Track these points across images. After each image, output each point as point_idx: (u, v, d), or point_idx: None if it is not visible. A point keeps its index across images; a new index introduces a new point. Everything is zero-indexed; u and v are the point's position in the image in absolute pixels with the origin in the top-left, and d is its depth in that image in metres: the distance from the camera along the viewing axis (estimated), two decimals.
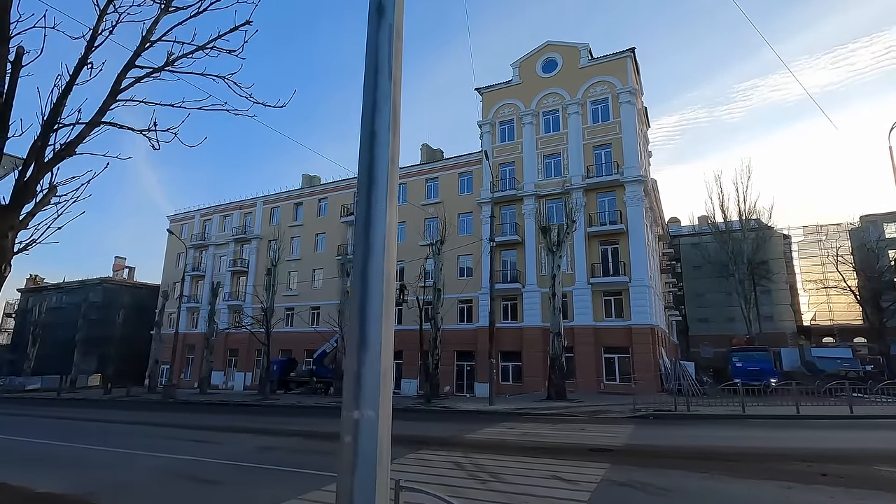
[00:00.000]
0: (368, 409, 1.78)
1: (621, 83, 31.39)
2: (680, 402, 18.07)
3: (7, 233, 3.56)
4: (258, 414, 20.75)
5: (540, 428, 14.08)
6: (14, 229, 3.62)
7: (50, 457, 10.71)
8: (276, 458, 10.17)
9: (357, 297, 1.74)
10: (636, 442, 11.30)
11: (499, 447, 10.88)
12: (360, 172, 1.80)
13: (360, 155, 1.83)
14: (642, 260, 28.85)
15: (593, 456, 9.72)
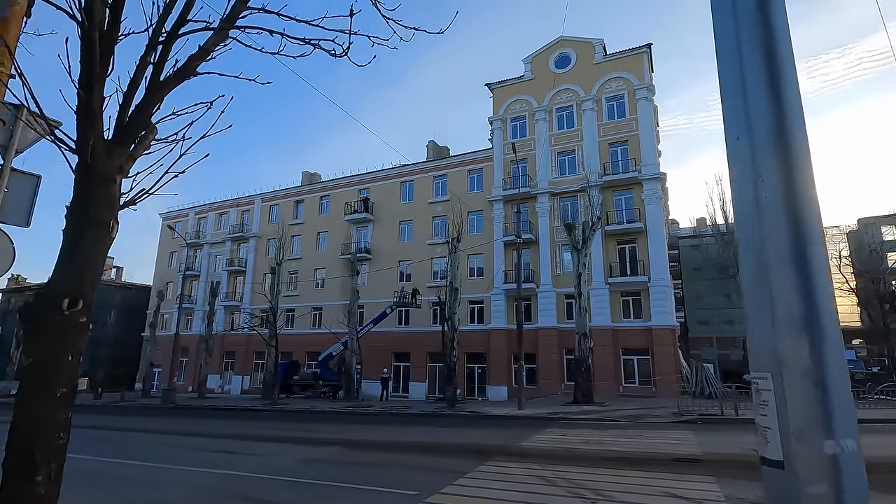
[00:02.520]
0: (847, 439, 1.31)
1: (637, 79, 30.79)
2: (726, 405, 17.18)
3: (115, 176, 2.48)
4: (272, 420, 19.48)
5: (593, 434, 13.14)
6: (122, 172, 2.54)
7: (68, 471, 9.44)
8: (326, 472, 9.06)
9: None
10: (715, 450, 10.41)
11: (571, 457, 9.90)
12: None
13: None
14: (662, 259, 28.21)
15: (684, 467, 8.79)
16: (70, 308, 2.23)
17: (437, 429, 15.42)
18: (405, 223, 37.17)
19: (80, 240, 2.33)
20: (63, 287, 2.26)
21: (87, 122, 2.42)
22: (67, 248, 2.34)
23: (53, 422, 2.15)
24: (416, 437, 13.56)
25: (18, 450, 2.07)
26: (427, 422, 17.88)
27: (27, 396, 2.14)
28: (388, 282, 35.62)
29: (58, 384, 2.17)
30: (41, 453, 2.08)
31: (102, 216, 2.40)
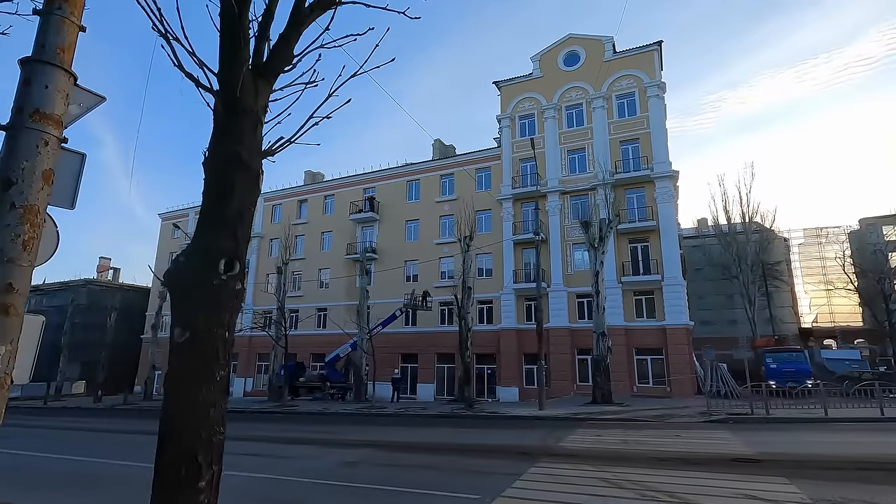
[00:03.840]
0: None
1: (649, 77, 30.55)
2: (755, 405, 16.86)
3: (261, 118, 2.03)
4: (287, 422, 18.93)
5: (629, 435, 12.74)
6: (264, 113, 2.09)
7: (97, 476, 8.94)
8: (370, 475, 8.60)
9: None
10: (767, 450, 10.03)
11: (622, 458, 9.49)
12: None
13: None
14: (675, 257, 27.91)
15: (746, 468, 8.41)
16: (227, 271, 1.80)
17: (463, 430, 14.97)
18: (411, 223, 36.69)
19: (232, 190, 1.90)
20: (218, 245, 1.81)
21: (234, 49, 1.98)
22: (215, 200, 1.90)
23: (214, 413, 1.71)
24: (446, 438, 13.11)
25: (176, 450, 1.63)
26: (449, 423, 17.41)
27: (184, 382, 1.70)
28: (395, 282, 35.09)
29: (217, 365, 1.73)
30: (204, 453, 1.64)
31: (253, 163, 1.97)
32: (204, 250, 1.81)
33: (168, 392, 1.71)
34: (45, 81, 3.19)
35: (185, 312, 1.74)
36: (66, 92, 3.30)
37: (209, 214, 1.88)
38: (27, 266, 3.00)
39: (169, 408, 1.68)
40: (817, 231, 58.31)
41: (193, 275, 1.77)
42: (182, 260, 1.79)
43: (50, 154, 3.18)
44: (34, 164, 3.07)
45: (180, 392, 1.68)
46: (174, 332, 1.73)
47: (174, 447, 1.62)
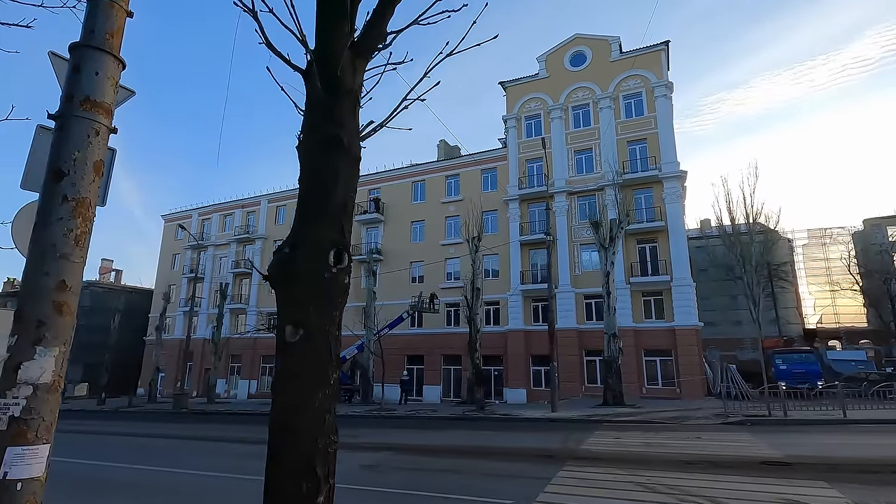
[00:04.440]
0: None
1: (656, 77, 30.43)
2: (773, 406, 16.68)
3: (359, 99, 1.86)
4: None
5: (649, 437, 12.57)
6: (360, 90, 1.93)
7: (137, 483, 8.76)
8: (395, 479, 8.43)
9: None
10: (795, 452, 9.85)
11: (650, 461, 9.31)
12: None
13: None
14: (684, 258, 27.78)
15: (780, 471, 8.24)
16: (336, 263, 1.63)
17: (478, 432, 14.78)
18: (417, 223, 36.53)
19: (335, 177, 1.73)
20: (325, 236, 1.65)
21: (336, 24, 1.82)
22: (316, 187, 1.73)
23: (329, 419, 1.54)
24: (463, 441, 12.92)
25: (293, 462, 1.46)
26: (462, 425, 17.21)
27: (298, 385, 1.53)
28: (401, 283, 34.92)
29: (331, 366, 1.57)
30: (321, 465, 1.47)
31: (353, 147, 1.80)
32: (311, 241, 1.64)
33: (279, 397, 1.54)
34: (95, 68, 3.03)
35: (295, 309, 1.57)
36: (116, 80, 3.14)
37: (311, 203, 1.71)
38: (79, 263, 2.83)
39: (281, 414, 1.51)
40: (821, 232, 58.18)
41: (303, 267, 1.60)
42: (287, 252, 1.62)
43: (100, 145, 3.01)
44: (85, 155, 2.91)
45: (295, 397, 1.51)
46: (285, 330, 1.55)
47: (290, 459, 1.44)
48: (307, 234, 1.66)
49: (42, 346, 2.61)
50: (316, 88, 1.80)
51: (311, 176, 1.73)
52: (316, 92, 1.81)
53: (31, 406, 2.53)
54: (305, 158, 1.76)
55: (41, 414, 2.57)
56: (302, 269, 1.60)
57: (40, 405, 2.57)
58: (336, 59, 1.78)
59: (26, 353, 2.57)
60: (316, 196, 1.70)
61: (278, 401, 1.53)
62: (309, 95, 1.86)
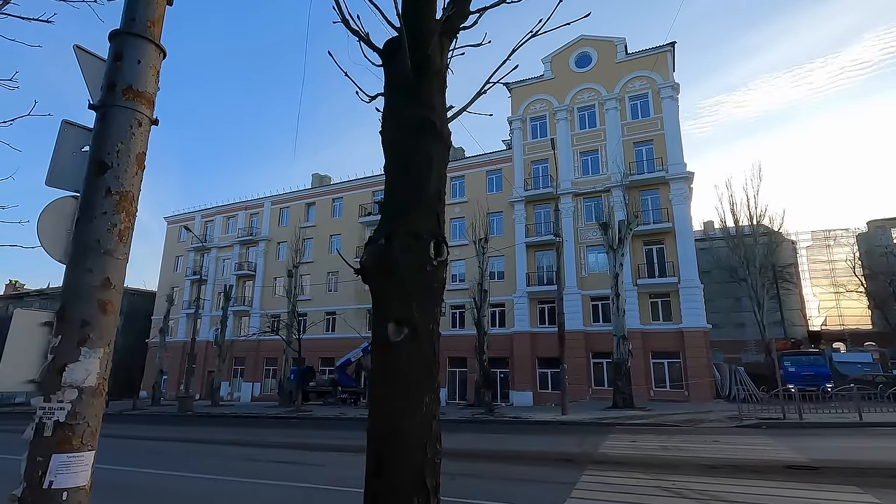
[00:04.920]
0: None
1: (662, 78, 30.34)
2: (788, 409, 16.52)
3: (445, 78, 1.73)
4: (306, 428, 18.55)
5: (665, 440, 12.41)
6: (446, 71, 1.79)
7: (145, 486, 8.59)
8: None
9: None
10: (818, 456, 9.68)
11: (672, 465, 9.15)
12: None
13: None
14: (691, 259, 27.65)
15: (808, 476, 8.08)
16: (436, 256, 1.50)
17: (490, 436, 14.63)
18: None
19: (429, 162, 1.60)
20: (423, 226, 1.51)
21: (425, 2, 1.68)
22: (408, 174, 1.59)
23: (436, 426, 1.41)
24: (477, 444, 12.76)
25: (401, 474, 1.32)
26: (473, 428, 17.05)
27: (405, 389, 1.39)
28: None
29: (436, 368, 1.43)
30: (430, 476, 1.33)
31: (445, 130, 1.66)
32: (409, 232, 1.51)
33: (383, 402, 1.39)
34: (138, 56, 2.90)
35: (397, 305, 1.43)
36: (157, 69, 3.01)
37: (404, 191, 1.57)
38: (122, 259, 2.70)
39: (386, 421, 1.36)
40: (825, 233, 58.03)
41: (404, 260, 1.46)
42: (383, 244, 1.49)
43: (143, 136, 2.89)
44: (128, 147, 2.78)
45: (401, 401, 1.37)
46: (386, 328, 1.41)
47: (399, 470, 1.30)
48: (403, 225, 1.52)
49: (87, 348, 2.47)
50: (402, 69, 1.66)
51: (401, 162, 1.59)
52: (401, 73, 1.67)
53: (76, 411, 2.40)
54: (392, 144, 1.63)
55: (86, 419, 2.43)
56: (402, 263, 1.46)
57: (85, 409, 2.43)
58: (427, 38, 1.65)
59: (71, 355, 2.43)
60: (409, 184, 1.56)
61: (382, 406, 1.38)
62: (391, 78, 1.73)
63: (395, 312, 1.42)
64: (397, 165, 1.60)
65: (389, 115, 1.68)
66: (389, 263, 1.46)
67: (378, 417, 1.37)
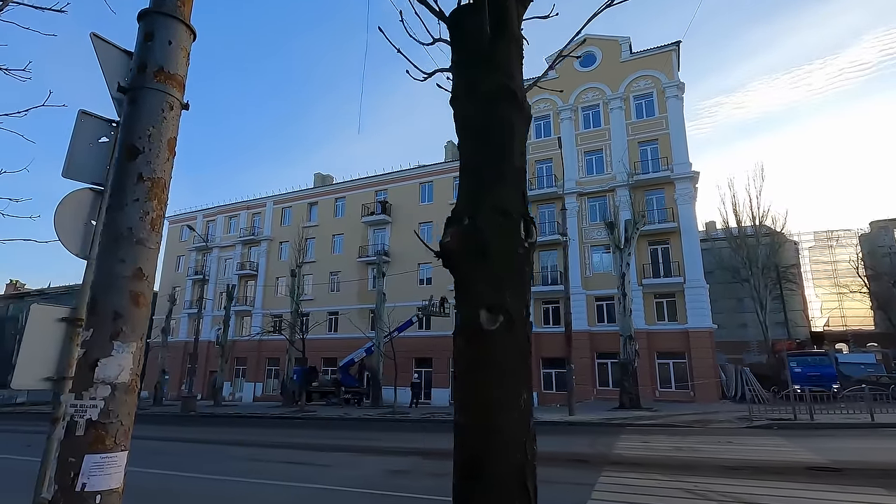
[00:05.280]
0: None
1: (667, 77, 30.23)
2: (799, 409, 16.37)
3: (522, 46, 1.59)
4: (312, 428, 18.40)
5: (676, 441, 12.27)
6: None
7: (146, 487, 8.43)
8: (424, 485, 8.13)
9: None
10: (837, 457, 9.55)
11: (690, 466, 9.01)
12: None
13: None
14: (697, 259, 27.53)
15: (831, 478, 7.94)
16: (527, 237, 1.36)
17: None
18: (425, 225, 36.25)
19: (511, 133, 1.46)
20: (512, 204, 1.38)
21: None
22: (489, 147, 1.45)
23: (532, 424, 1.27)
24: None
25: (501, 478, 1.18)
26: None
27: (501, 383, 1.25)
28: (408, 285, 34.61)
29: (530, 359, 1.29)
30: (532, 478, 1.20)
31: (525, 102, 1.52)
32: (496, 211, 1.37)
33: (476, 396, 1.24)
34: (168, 36, 2.75)
35: (490, 290, 1.29)
36: (188, 50, 2.87)
37: (485, 166, 1.43)
38: (154, 249, 2.55)
39: (481, 417, 1.21)
40: (827, 234, 57.91)
41: (494, 241, 1.32)
42: (468, 223, 1.34)
43: (174, 120, 2.74)
44: (160, 131, 2.63)
45: (497, 395, 1.23)
46: (478, 316, 1.27)
47: (497, 472, 1.16)
48: (488, 203, 1.38)
49: (119, 342, 2.32)
50: (477, 36, 1.53)
51: (478, 136, 1.45)
52: (475, 40, 1.54)
53: (109, 408, 2.24)
54: (467, 118, 1.49)
55: (119, 417, 2.28)
56: (492, 244, 1.32)
57: (119, 407, 2.28)
58: (504, 1, 1.51)
59: (103, 349, 2.28)
60: (490, 158, 1.42)
61: (476, 400, 1.24)
62: (462, 47, 1.60)
63: (486, 298, 1.28)
64: (475, 140, 1.46)
65: (462, 87, 1.54)
66: (479, 244, 1.32)
67: (472, 412, 1.23)
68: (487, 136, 1.44)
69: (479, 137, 1.45)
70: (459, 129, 1.49)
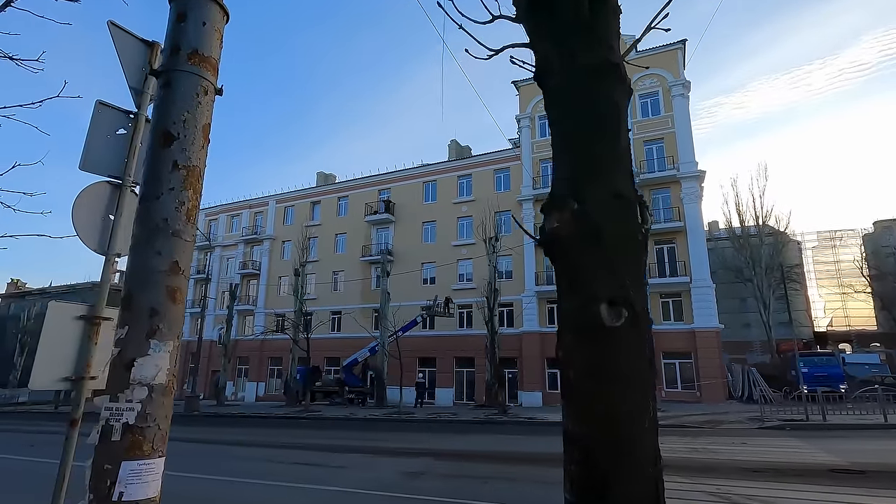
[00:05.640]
0: None
1: (673, 76, 30.07)
2: (811, 411, 16.23)
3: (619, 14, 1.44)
4: (319, 428, 18.23)
5: (689, 442, 12.14)
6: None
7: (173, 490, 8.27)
8: (441, 487, 7.98)
9: None
10: (856, 459, 9.40)
11: (709, 468, 8.86)
12: None
13: None
14: (703, 259, 27.39)
15: (855, 480, 7.79)
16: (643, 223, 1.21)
17: (509, 437, 14.33)
18: (428, 224, 36.09)
19: (616, 111, 1.31)
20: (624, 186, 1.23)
21: None
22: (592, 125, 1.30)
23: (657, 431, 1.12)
24: (501, 446, 12.46)
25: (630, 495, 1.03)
26: (489, 429, 16.74)
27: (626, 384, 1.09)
28: (412, 285, 34.44)
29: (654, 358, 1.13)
30: (663, 493, 1.04)
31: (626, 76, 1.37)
32: (608, 192, 1.22)
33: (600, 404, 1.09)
34: (202, 17, 2.60)
35: (609, 281, 1.14)
36: (221, 32, 2.72)
37: (589, 146, 1.29)
38: (190, 242, 2.40)
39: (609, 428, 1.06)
40: (831, 234, 57.76)
41: (609, 226, 1.17)
42: (578, 207, 1.19)
43: (208, 106, 2.58)
44: (195, 116, 2.47)
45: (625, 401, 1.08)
46: (598, 311, 1.11)
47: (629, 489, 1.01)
48: (599, 186, 1.23)
49: (156, 340, 2.16)
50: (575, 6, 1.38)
51: (582, 112, 1.30)
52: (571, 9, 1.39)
53: (146, 411, 2.09)
54: (564, 95, 1.34)
55: (157, 421, 2.12)
56: (610, 229, 1.17)
57: (156, 410, 2.13)
58: None
59: (139, 348, 2.12)
60: (598, 137, 1.28)
61: (602, 411, 1.07)
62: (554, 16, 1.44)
63: (606, 290, 1.12)
64: (576, 118, 1.31)
65: (555, 60, 1.39)
66: (595, 229, 1.17)
67: (596, 424, 1.07)
68: (592, 114, 1.29)
69: (581, 115, 1.30)
70: (554, 105, 1.34)
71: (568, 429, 1.14)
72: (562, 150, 1.33)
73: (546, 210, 1.29)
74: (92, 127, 3.98)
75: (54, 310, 3.97)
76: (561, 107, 1.34)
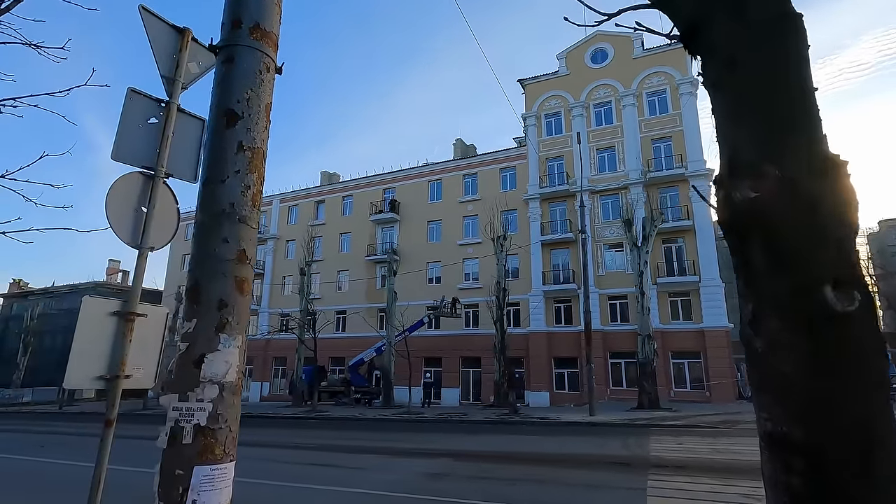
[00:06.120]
0: None
1: (681, 74, 29.92)
2: None
3: None
4: (329, 429, 18.06)
5: (708, 443, 11.95)
6: None
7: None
8: (467, 488, 7.81)
9: None
10: None
11: (736, 470, 8.71)
12: None
13: None
14: (712, 258, 27.17)
15: None
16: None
17: (524, 437, 14.16)
18: (434, 223, 35.93)
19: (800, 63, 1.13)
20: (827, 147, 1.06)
21: None
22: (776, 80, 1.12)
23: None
24: (519, 446, 12.28)
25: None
26: (501, 429, 16.57)
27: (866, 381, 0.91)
28: (417, 284, 34.28)
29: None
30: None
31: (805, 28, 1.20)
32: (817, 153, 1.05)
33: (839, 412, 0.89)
34: None
35: (833, 259, 0.95)
36: (280, 5, 2.55)
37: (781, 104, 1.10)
38: (255, 229, 2.23)
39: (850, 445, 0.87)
40: None
41: (830, 189, 1.00)
42: (778, 173, 1.02)
43: (270, 84, 2.42)
44: (258, 95, 2.31)
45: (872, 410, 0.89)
46: (823, 294, 0.93)
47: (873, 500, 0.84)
48: (797, 147, 1.06)
49: (226, 334, 2.00)
50: None
51: (766, 69, 1.12)
52: None
53: (217, 412, 1.92)
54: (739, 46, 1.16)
55: (228, 422, 1.96)
56: (823, 196, 1.00)
57: (227, 410, 1.96)
58: None
59: (209, 344, 1.95)
60: (789, 96, 1.10)
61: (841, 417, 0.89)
62: None
63: (830, 270, 0.95)
64: (759, 75, 1.13)
65: (720, 12, 1.21)
66: (810, 198, 0.99)
67: (831, 432, 0.88)
68: (777, 70, 1.12)
69: (765, 72, 1.12)
70: (725, 64, 1.17)
71: (782, 432, 0.96)
72: (739, 114, 1.15)
73: (732, 179, 1.11)
74: (124, 116, 3.81)
75: (88, 305, 3.79)
76: (736, 65, 1.16)
